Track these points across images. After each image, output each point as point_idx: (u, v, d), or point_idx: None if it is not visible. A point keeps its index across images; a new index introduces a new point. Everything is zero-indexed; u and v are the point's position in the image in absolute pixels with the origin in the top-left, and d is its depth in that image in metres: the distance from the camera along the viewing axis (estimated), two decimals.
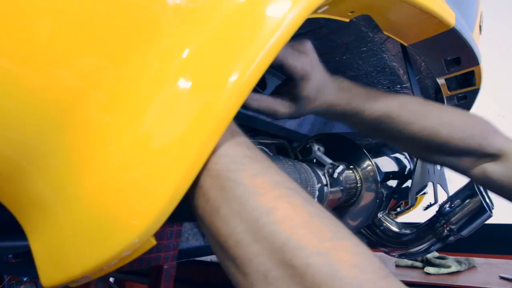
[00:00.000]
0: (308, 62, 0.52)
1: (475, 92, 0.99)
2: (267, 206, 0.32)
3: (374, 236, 0.94)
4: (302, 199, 0.34)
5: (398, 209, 1.34)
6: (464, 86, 0.96)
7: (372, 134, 0.66)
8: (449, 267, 1.45)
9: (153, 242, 0.38)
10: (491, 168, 0.65)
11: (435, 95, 1.13)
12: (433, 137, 0.63)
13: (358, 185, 0.70)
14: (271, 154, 0.65)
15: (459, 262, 1.50)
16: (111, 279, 1.69)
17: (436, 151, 0.65)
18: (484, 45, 2.41)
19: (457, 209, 0.85)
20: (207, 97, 0.35)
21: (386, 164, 0.93)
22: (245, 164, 0.34)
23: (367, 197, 0.69)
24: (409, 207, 0.67)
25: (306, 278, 0.29)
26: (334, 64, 0.86)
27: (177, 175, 0.34)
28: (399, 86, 1.02)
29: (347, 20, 0.53)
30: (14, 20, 0.29)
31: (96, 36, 0.33)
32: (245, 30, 0.37)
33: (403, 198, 1.12)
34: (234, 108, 0.35)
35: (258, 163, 0.35)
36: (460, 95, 0.99)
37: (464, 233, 0.87)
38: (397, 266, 1.60)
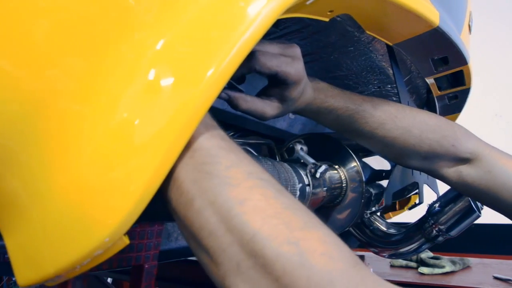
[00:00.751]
0: (302, 67, 0.54)
1: (466, 92, 0.99)
2: (239, 197, 0.33)
3: (364, 236, 0.94)
4: (275, 190, 0.34)
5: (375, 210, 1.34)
6: (454, 85, 0.95)
7: (346, 134, 0.67)
8: (443, 267, 1.45)
9: (126, 241, 0.38)
10: (465, 172, 0.65)
11: (427, 95, 1.13)
12: (406, 137, 0.63)
13: (343, 185, 0.70)
14: (255, 154, 0.65)
15: (453, 262, 1.50)
16: (109, 280, 1.69)
17: (410, 155, 0.65)
18: (481, 45, 2.42)
19: (446, 209, 0.85)
20: (180, 90, 0.35)
21: (377, 163, 0.93)
22: (220, 156, 0.35)
23: (352, 197, 0.69)
24: (383, 207, 0.66)
25: (277, 268, 0.30)
26: (322, 64, 0.86)
27: (148, 172, 0.34)
28: (389, 86, 1.02)
29: (326, 19, 0.52)
30: None
31: (68, 27, 0.33)
32: (218, 25, 0.37)
33: (400, 198, 1.12)
34: (207, 101, 0.35)
35: (232, 153, 0.36)
36: (450, 94, 0.99)
37: (453, 233, 0.86)
38: (392, 266, 1.60)
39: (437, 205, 0.88)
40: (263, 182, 0.34)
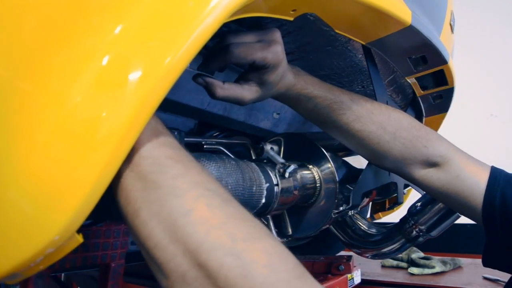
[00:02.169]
0: (280, 51, 0.54)
1: (450, 91, 0.98)
2: (185, 207, 0.33)
3: (346, 237, 0.93)
4: (221, 200, 0.34)
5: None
6: (438, 85, 0.95)
7: (324, 126, 0.68)
8: (433, 267, 1.44)
9: (80, 239, 0.38)
10: (436, 176, 0.65)
11: (413, 95, 1.12)
12: (381, 133, 0.64)
13: (317, 185, 0.69)
14: (228, 153, 0.65)
15: (444, 263, 1.49)
16: None
17: (384, 152, 0.65)
18: (477, 45, 2.39)
19: (425, 210, 0.84)
20: (123, 92, 0.35)
21: (360, 163, 0.92)
22: (167, 166, 0.35)
23: (326, 197, 0.69)
24: (349, 207, 0.66)
25: (220, 279, 0.30)
26: (302, 64, 0.86)
27: (95, 172, 0.34)
28: (372, 87, 1.02)
29: (291, 18, 0.52)
30: None
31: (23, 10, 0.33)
32: (170, 20, 0.37)
33: (386, 196, 1.12)
34: (152, 104, 0.35)
35: (180, 163, 0.36)
36: (434, 94, 0.98)
37: (433, 233, 0.86)
38: (383, 266, 1.59)
39: (418, 204, 0.88)
40: (209, 192, 0.34)
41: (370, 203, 1.35)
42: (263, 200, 0.56)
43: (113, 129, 0.34)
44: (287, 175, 0.59)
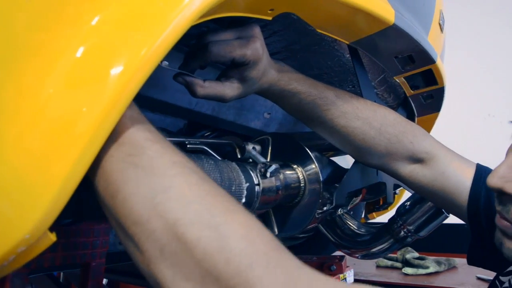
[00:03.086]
0: (259, 46, 0.54)
1: (441, 91, 0.97)
2: (163, 185, 0.34)
3: (335, 237, 0.93)
4: (198, 178, 0.35)
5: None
6: (428, 85, 0.94)
7: (309, 123, 0.67)
8: (427, 267, 1.44)
9: (53, 238, 0.38)
10: (421, 173, 0.65)
11: (405, 95, 1.12)
12: (366, 129, 0.63)
13: (301, 185, 0.69)
14: (212, 152, 0.65)
15: (438, 263, 1.49)
16: (105, 281, 1.69)
17: (369, 149, 0.65)
18: (475, 46, 2.38)
19: (413, 210, 0.84)
20: (98, 84, 0.35)
21: (348, 163, 0.92)
22: (145, 147, 0.36)
23: (310, 197, 0.69)
24: (333, 207, 0.66)
25: (198, 251, 0.31)
26: (290, 63, 0.85)
27: (64, 168, 0.34)
28: (359, 86, 1.01)
29: (269, 18, 0.52)
30: None
31: None
32: (144, 16, 0.37)
33: (376, 196, 1.11)
34: (128, 95, 0.35)
35: (158, 144, 0.37)
36: (425, 94, 0.98)
37: (422, 233, 0.86)
38: (378, 266, 1.59)
39: (407, 204, 0.88)
40: (187, 170, 0.36)
41: (364, 203, 1.34)
42: (244, 200, 0.56)
43: (85, 122, 0.34)
44: (268, 174, 0.59)
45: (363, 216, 1.43)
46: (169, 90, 0.78)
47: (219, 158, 0.63)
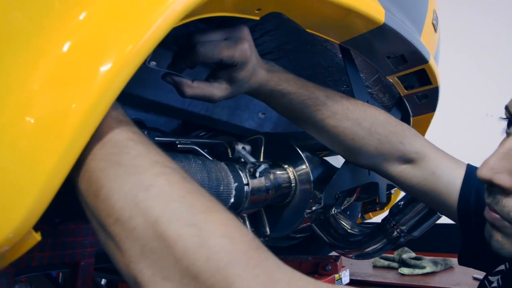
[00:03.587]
0: (247, 48, 0.54)
1: (435, 91, 0.97)
2: (145, 183, 0.34)
3: (329, 237, 0.93)
4: (180, 177, 0.35)
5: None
6: (422, 84, 0.94)
7: (299, 123, 0.68)
8: (423, 267, 1.44)
9: (37, 237, 0.38)
10: (412, 172, 0.65)
11: (400, 94, 1.12)
12: (356, 129, 0.63)
13: (292, 185, 0.69)
14: (203, 152, 0.65)
15: (435, 263, 1.49)
16: (103, 281, 1.68)
17: (360, 149, 0.65)
18: (473, 45, 2.37)
19: (406, 210, 0.84)
20: (82, 82, 0.35)
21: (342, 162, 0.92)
22: (129, 147, 0.36)
23: (301, 197, 0.69)
24: (321, 207, 0.66)
25: (178, 249, 0.30)
26: (283, 63, 0.85)
27: (47, 168, 0.34)
28: (350, 87, 1.01)
29: (257, 18, 0.52)
30: None
31: None
32: (127, 18, 0.37)
33: (370, 196, 1.11)
34: (112, 93, 0.35)
35: (141, 144, 0.37)
36: (419, 94, 0.98)
37: (415, 234, 0.86)
38: (374, 266, 1.59)
39: (401, 204, 0.87)
40: (169, 170, 0.36)
41: (361, 202, 1.34)
42: (232, 200, 0.56)
43: (69, 119, 0.34)
44: (257, 174, 0.59)
45: (359, 216, 1.43)
46: (161, 91, 0.78)
47: (210, 158, 0.63)
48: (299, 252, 1.39)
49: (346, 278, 1.22)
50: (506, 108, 0.48)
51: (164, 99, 0.80)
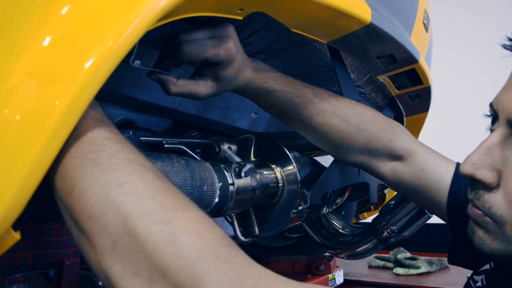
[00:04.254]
0: (232, 46, 0.54)
1: (427, 90, 0.97)
2: (118, 180, 0.34)
3: (320, 237, 0.93)
4: (154, 175, 0.36)
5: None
6: (413, 84, 0.94)
7: (287, 121, 0.68)
8: (418, 267, 1.44)
9: (16, 237, 0.38)
10: (401, 170, 0.65)
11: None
12: (344, 126, 0.63)
13: (280, 184, 0.69)
14: (191, 152, 0.65)
15: (430, 263, 1.48)
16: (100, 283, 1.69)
17: (348, 146, 0.65)
18: (472, 45, 2.36)
19: (396, 210, 0.84)
20: (60, 80, 0.35)
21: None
22: (105, 145, 0.36)
23: (288, 197, 0.69)
24: (307, 207, 0.66)
25: (148, 245, 0.31)
26: (272, 64, 0.85)
27: (24, 167, 0.34)
28: (339, 86, 1.01)
29: (240, 17, 0.52)
30: None
31: None
32: (107, 14, 0.37)
33: (362, 196, 1.11)
34: (90, 92, 0.35)
35: (118, 143, 0.37)
36: (411, 93, 0.98)
37: (405, 234, 0.86)
38: (370, 266, 1.59)
39: (392, 203, 0.87)
40: (143, 168, 0.36)
41: (356, 202, 1.34)
42: (217, 199, 0.56)
43: (46, 119, 0.34)
44: (243, 174, 0.59)
45: (354, 216, 1.43)
46: (151, 91, 0.78)
47: (198, 158, 0.63)
48: (294, 252, 1.39)
49: (340, 278, 1.22)
50: (491, 105, 0.48)
51: (154, 99, 0.80)
